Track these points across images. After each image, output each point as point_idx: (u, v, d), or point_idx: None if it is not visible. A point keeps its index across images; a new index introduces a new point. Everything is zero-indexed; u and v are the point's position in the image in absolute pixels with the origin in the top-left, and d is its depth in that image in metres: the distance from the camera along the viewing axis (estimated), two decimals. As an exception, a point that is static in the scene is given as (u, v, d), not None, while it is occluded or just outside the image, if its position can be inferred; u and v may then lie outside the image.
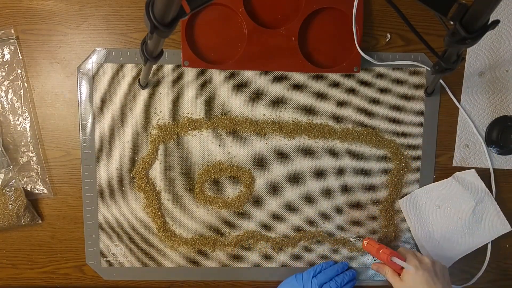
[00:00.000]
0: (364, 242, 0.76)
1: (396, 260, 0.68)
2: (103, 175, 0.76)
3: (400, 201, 0.79)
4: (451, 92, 0.76)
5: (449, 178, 0.77)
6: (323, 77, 0.75)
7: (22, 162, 0.76)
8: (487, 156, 0.77)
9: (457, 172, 0.77)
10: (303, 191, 0.78)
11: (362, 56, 0.73)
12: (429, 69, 0.75)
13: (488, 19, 0.47)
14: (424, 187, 0.78)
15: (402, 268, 0.69)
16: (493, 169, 0.78)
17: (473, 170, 0.77)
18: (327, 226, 0.79)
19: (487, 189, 0.76)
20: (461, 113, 0.77)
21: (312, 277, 0.72)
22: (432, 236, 0.78)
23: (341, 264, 0.78)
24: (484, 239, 0.77)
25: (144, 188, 0.77)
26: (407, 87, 0.76)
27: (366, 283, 0.82)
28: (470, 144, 0.78)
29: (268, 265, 0.80)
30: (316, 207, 0.79)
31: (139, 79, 0.73)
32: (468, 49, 0.76)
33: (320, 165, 0.77)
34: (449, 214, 0.77)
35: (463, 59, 0.75)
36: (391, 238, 0.80)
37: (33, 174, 0.76)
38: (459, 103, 0.77)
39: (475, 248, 0.78)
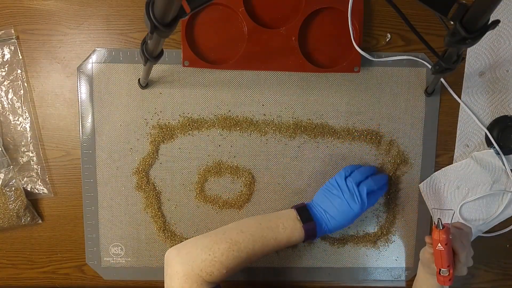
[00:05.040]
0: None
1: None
2: (103, 175, 0.76)
3: (420, 185, 0.79)
4: (452, 89, 0.76)
5: (467, 159, 0.77)
6: (323, 77, 0.75)
7: (22, 162, 0.76)
8: (501, 153, 0.77)
9: (475, 152, 0.77)
10: (303, 191, 0.78)
11: (362, 56, 0.73)
12: (430, 68, 0.74)
13: (488, 19, 0.47)
14: (443, 169, 0.78)
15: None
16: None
17: (492, 150, 0.76)
18: (327, 226, 0.79)
19: (503, 167, 0.76)
20: (461, 112, 0.77)
21: (346, 177, 0.69)
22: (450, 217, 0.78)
23: (371, 167, 0.73)
24: (503, 216, 0.78)
25: (144, 188, 0.77)
26: (407, 87, 0.76)
27: (366, 283, 0.82)
28: (470, 143, 0.78)
29: (268, 265, 0.80)
30: (316, 207, 0.79)
31: (139, 79, 0.73)
32: (468, 49, 0.76)
33: (320, 165, 0.77)
34: (467, 194, 0.77)
35: (463, 59, 0.75)
36: (392, 238, 0.80)
37: (33, 174, 0.76)
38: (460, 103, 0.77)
39: (493, 225, 0.79)
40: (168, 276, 0.62)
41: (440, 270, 0.63)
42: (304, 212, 0.66)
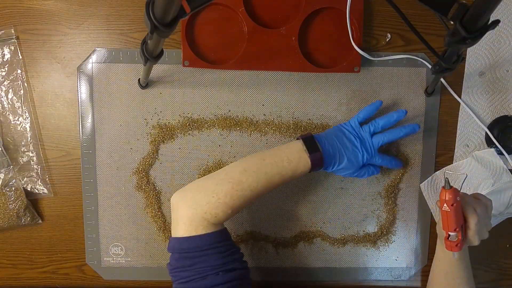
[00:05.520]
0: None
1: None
2: (103, 175, 0.76)
3: (421, 185, 0.79)
4: (452, 89, 0.76)
5: (468, 158, 0.77)
6: (323, 77, 0.75)
7: (22, 162, 0.76)
8: (504, 152, 0.76)
9: (476, 151, 0.77)
10: (303, 191, 0.78)
11: (362, 56, 0.73)
12: (430, 68, 0.74)
13: (488, 19, 0.47)
14: (444, 168, 0.78)
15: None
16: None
17: (493, 149, 0.76)
18: (327, 226, 0.79)
19: (505, 166, 0.76)
20: (462, 112, 0.77)
21: (362, 124, 0.69)
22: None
23: (398, 112, 0.70)
24: (503, 216, 0.78)
25: (144, 188, 0.77)
26: (407, 87, 0.76)
27: (366, 283, 0.82)
28: (470, 143, 0.78)
29: (268, 265, 0.80)
30: (316, 207, 0.79)
31: (139, 79, 0.73)
32: (468, 49, 0.76)
33: (320, 165, 0.77)
34: (468, 192, 0.77)
35: (463, 59, 0.75)
36: (392, 238, 0.80)
37: (33, 174, 0.76)
38: (460, 103, 0.77)
39: (494, 225, 0.79)
40: (174, 221, 0.62)
41: (449, 235, 0.63)
42: (311, 142, 0.64)
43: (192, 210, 0.60)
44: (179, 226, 0.61)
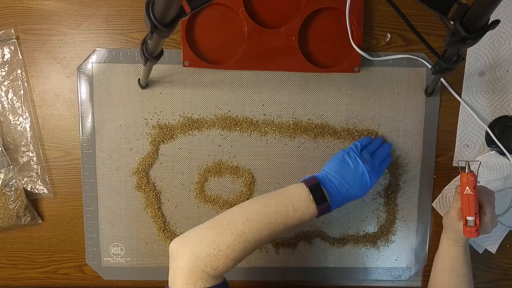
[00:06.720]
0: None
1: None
2: (103, 175, 0.76)
3: (433, 204, 0.79)
4: (452, 89, 0.76)
5: (473, 165, 0.76)
6: (323, 77, 0.75)
7: (22, 162, 0.76)
8: (505, 151, 0.76)
9: (479, 157, 0.77)
10: (303, 191, 0.78)
11: (362, 56, 0.73)
12: (430, 68, 0.74)
13: (489, 19, 0.47)
14: (451, 182, 0.78)
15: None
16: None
17: (493, 151, 0.76)
18: (327, 226, 0.79)
19: (511, 162, 0.76)
20: (462, 112, 0.77)
21: (361, 150, 0.69)
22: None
23: (379, 138, 0.75)
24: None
25: (144, 188, 0.77)
26: (407, 87, 0.76)
27: (366, 283, 0.82)
28: (470, 144, 0.78)
29: (268, 265, 0.80)
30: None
31: (139, 79, 0.73)
32: (468, 49, 0.76)
33: (320, 165, 0.77)
34: None
35: (463, 59, 0.75)
36: (392, 238, 0.80)
37: (33, 174, 0.76)
38: (460, 103, 0.77)
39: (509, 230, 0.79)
40: (172, 271, 0.59)
41: (466, 221, 0.64)
42: (318, 191, 0.60)
43: (192, 262, 0.57)
44: (177, 278, 0.57)
